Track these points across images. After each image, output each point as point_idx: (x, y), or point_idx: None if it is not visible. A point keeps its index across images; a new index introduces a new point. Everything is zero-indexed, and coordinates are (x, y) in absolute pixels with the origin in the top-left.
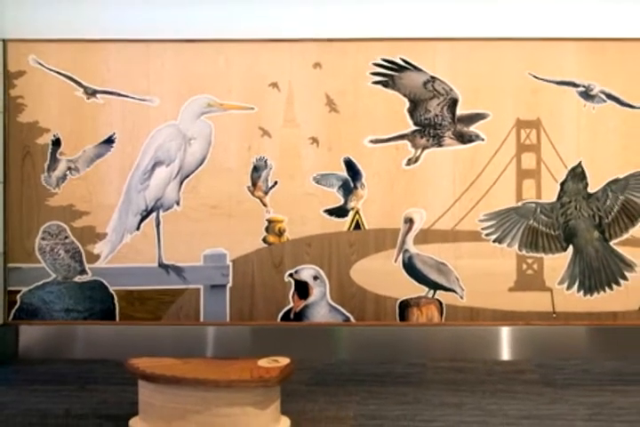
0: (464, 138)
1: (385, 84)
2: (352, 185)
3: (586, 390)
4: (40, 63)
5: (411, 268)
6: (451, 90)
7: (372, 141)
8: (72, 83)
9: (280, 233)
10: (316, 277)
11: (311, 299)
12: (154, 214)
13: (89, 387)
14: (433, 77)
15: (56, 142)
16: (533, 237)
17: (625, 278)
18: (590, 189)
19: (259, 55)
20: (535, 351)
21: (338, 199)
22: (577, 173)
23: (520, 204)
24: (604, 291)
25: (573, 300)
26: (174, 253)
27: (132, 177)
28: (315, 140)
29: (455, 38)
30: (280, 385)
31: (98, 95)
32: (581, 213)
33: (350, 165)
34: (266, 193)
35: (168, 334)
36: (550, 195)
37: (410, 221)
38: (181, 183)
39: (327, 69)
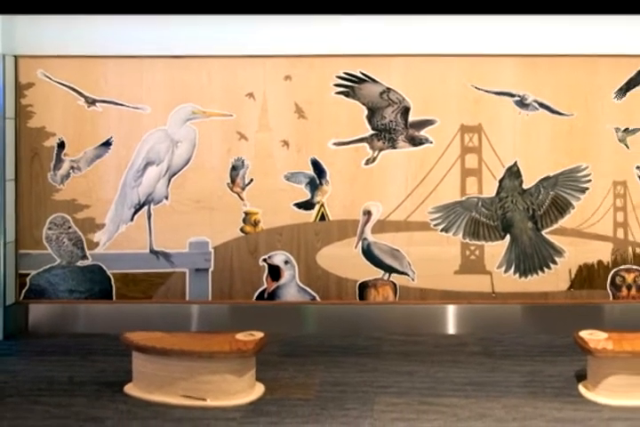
0: (415, 141)
1: (346, 95)
2: (318, 182)
3: (520, 360)
4: (47, 76)
5: (369, 254)
6: (403, 99)
7: (335, 144)
8: (75, 93)
9: (255, 224)
10: (286, 262)
11: (282, 281)
12: (146, 208)
13: (89, 357)
14: (388, 88)
15: (61, 145)
16: (475, 228)
17: (555, 263)
18: (525, 186)
19: (237, 69)
20: (477, 327)
21: (305, 194)
22: (513, 172)
23: (464, 198)
24: (537, 274)
25: (510, 281)
26: (163, 241)
27: (127, 175)
28: (286, 143)
29: (408, 54)
30: (255, 356)
31: (97, 104)
32: (517, 206)
33: (316, 165)
34: (243, 189)
35: (158, 312)
36: (490, 190)
37: (368, 213)
38: (170, 180)
39: (296, 81)
